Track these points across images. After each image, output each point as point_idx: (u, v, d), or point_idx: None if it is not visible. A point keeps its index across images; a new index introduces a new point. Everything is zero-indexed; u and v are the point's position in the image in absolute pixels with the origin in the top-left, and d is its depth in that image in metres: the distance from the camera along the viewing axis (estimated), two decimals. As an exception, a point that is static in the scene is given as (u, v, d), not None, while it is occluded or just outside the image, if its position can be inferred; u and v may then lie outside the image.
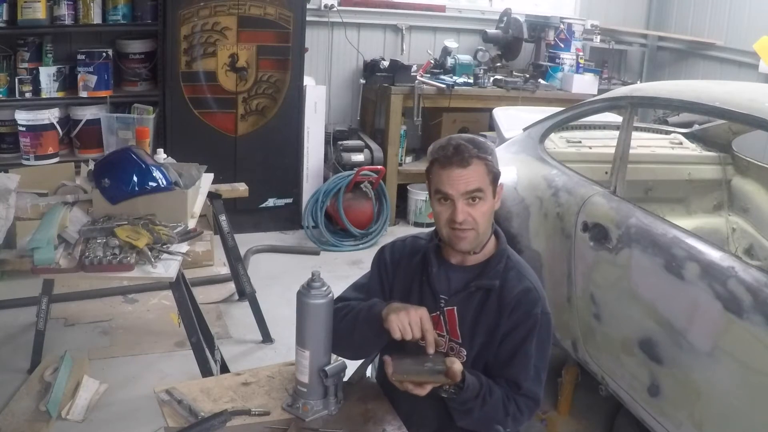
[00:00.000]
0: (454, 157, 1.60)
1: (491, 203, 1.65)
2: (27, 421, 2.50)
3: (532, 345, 1.63)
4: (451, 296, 1.69)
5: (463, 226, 1.62)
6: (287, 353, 2.87)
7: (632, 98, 2.53)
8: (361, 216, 4.55)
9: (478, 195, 1.61)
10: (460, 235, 1.64)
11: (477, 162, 1.61)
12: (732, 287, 1.83)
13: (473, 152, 1.61)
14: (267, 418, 1.61)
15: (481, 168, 1.62)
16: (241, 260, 3.43)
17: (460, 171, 1.60)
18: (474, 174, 1.60)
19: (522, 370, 1.63)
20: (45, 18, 3.86)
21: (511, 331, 1.64)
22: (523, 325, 1.63)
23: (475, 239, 1.65)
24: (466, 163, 1.60)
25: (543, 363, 1.67)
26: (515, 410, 1.62)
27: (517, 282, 1.67)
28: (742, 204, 3.13)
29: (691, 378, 1.94)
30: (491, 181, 1.64)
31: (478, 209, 1.62)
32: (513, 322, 1.64)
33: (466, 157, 1.60)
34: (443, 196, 1.63)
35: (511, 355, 1.64)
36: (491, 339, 1.66)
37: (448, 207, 1.63)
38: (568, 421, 2.73)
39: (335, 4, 4.92)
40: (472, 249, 1.68)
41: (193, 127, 4.23)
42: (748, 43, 4.62)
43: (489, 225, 1.68)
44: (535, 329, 1.63)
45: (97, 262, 2.20)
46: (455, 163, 1.60)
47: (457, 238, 1.64)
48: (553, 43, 5.31)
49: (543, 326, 1.65)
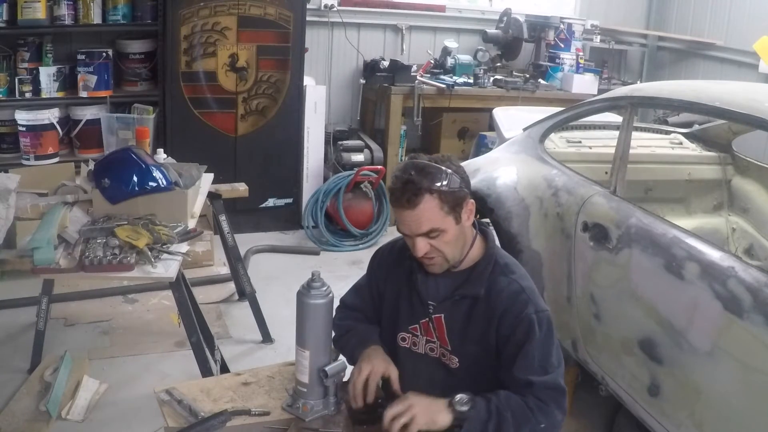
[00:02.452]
0: (402, 197, 1.53)
1: (454, 231, 1.58)
2: (27, 421, 2.50)
3: (532, 345, 1.59)
4: (438, 303, 1.67)
5: (428, 256, 1.59)
6: (287, 353, 2.87)
7: (632, 98, 2.53)
8: (361, 216, 4.55)
9: (433, 234, 1.56)
10: (428, 263, 1.62)
11: (427, 198, 1.52)
12: (732, 287, 1.83)
13: (424, 187, 1.52)
14: (267, 418, 1.61)
15: (433, 203, 1.53)
16: (241, 260, 3.42)
17: (408, 213, 1.53)
18: (424, 213, 1.53)
19: (529, 370, 1.59)
20: (45, 18, 3.86)
21: (508, 336, 1.61)
22: (519, 328, 1.60)
23: (444, 263, 1.63)
24: (413, 205, 1.52)
25: (550, 356, 1.61)
26: (536, 403, 1.56)
27: (505, 286, 1.63)
28: (742, 204, 3.13)
29: (691, 378, 1.94)
30: (449, 210, 1.55)
31: (440, 241, 1.57)
32: (507, 327, 1.60)
33: (412, 198, 1.51)
34: (401, 231, 1.60)
35: (513, 359, 1.60)
36: (485, 346, 1.63)
37: (409, 240, 1.60)
38: (568, 421, 2.69)
39: (335, 4, 4.92)
40: (446, 269, 1.65)
41: (193, 127, 4.23)
42: (748, 43, 4.62)
43: (460, 246, 1.63)
44: (533, 329, 1.60)
45: (97, 262, 2.20)
46: (404, 205, 1.53)
47: (426, 265, 1.63)
48: (553, 43, 5.31)
49: (541, 324, 1.61)
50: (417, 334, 1.72)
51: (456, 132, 5.08)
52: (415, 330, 1.72)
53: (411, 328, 1.72)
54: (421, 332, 1.71)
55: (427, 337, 1.70)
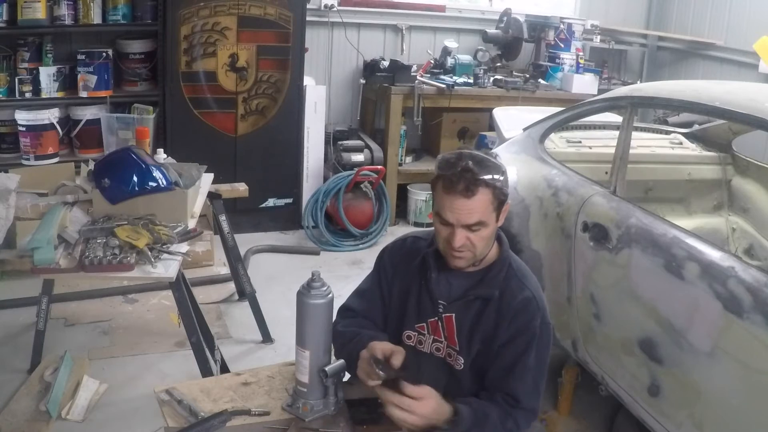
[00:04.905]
0: (459, 183, 1.50)
1: (493, 227, 1.59)
2: (27, 421, 2.50)
3: (530, 357, 1.59)
4: (450, 303, 1.66)
5: (460, 250, 1.58)
6: (287, 353, 2.87)
7: (632, 98, 2.53)
8: (361, 216, 4.55)
9: (476, 227, 1.54)
10: (456, 256, 1.60)
11: (483, 190, 1.51)
12: (732, 287, 1.83)
13: (481, 179, 1.50)
14: (267, 418, 1.61)
15: (487, 196, 1.52)
16: (241, 260, 3.42)
17: (463, 201, 1.51)
18: (478, 205, 1.52)
19: (520, 383, 1.59)
20: (45, 18, 3.86)
21: (509, 343, 1.60)
22: (521, 336, 1.60)
23: (471, 259, 1.62)
24: (471, 193, 1.50)
25: (541, 374, 1.63)
26: (513, 425, 1.58)
27: (518, 291, 1.63)
28: (742, 204, 3.13)
29: (691, 378, 1.93)
30: (496, 207, 1.56)
31: (478, 235, 1.56)
32: (511, 333, 1.60)
33: (471, 187, 1.50)
34: (444, 220, 1.57)
35: (509, 367, 1.60)
36: (488, 348, 1.63)
37: (447, 229, 1.57)
38: (568, 421, 2.73)
39: (335, 4, 4.92)
40: (468, 266, 1.64)
41: (193, 127, 4.23)
42: (748, 43, 4.62)
43: (488, 245, 1.63)
44: (534, 341, 1.60)
45: (97, 262, 2.20)
46: (459, 192, 1.50)
47: (452, 257, 1.61)
48: (553, 43, 5.31)
49: (542, 338, 1.62)
50: (423, 333, 1.71)
51: (456, 132, 5.07)
52: (421, 328, 1.71)
53: (418, 327, 1.71)
54: (428, 331, 1.70)
55: (434, 336, 1.69)
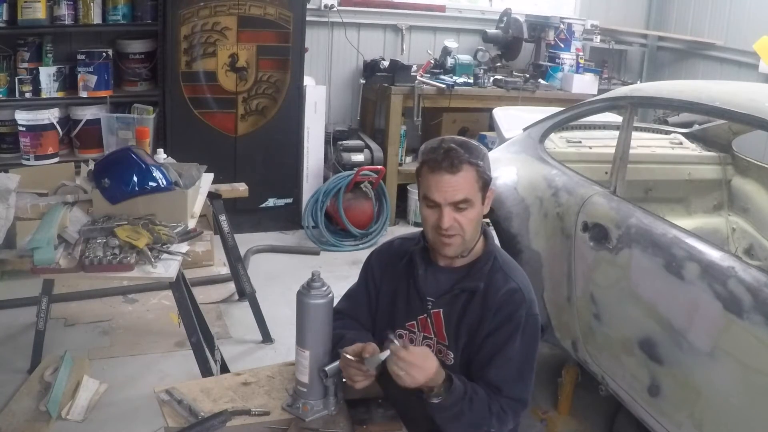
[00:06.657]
0: (443, 161, 1.57)
1: (479, 210, 1.63)
2: (27, 421, 2.50)
3: (513, 348, 1.60)
4: (437, 299, 1.68)
5: (449, 232, 1.60)
6: (287, 353, 2.87)
7: (632, 98, 2.53)
8: (361, 216, 4.55)
9: (463, 205, 1.59)
10: (446, 241, 1.62)
11: (467, 168, 1.58)
12: (732, 287, 1.83)
13: (464, 157, 1.57)
14: (267, 418, 1.61)
15: (471, 174, 1.59)
16: (241, 260, 3.43)
17: (448, 177, 1.57)
18: (463, 181, 1.58)
19: (501, 374, 1.60)
20: (45, 18, 3.86)
21: (492, 333, 1.62)
22: (505, 327, 1.61)
23: (461, 245, 1.64)
24: (455, 169, 1.56)
25: (528, 365, 1.64)
26: (499, 409, 1.59)
27: (503, 283, 1.65)
28: (742, 204, 3.13)
29: (691, 378, 1.93)
30: (480, 187, 1.61)
31: (466, 216, 1.60)
32: (495, 324, 1.62)
33: (455, 163, 1.56)
34: (431, 201, 1.61)
35: (490, 357, 1.61)
36: (473, 340, 1.64)
37: (434, 212, 1.61)
38: (568, 421, 2.73)
39: (335, 4, 4.92)
40: (458, 254, 1.66)
41: (193, 127, 4.23)
42: (748, 43, 4.62)
43: (476, 230, 1.67)
44: (518, 332, 1.61)
45: (97, 262, 2.19)
46: (444, 169, 1.56)
47: (442, 243, 1.63)
48: (553, 43, 5.31)
49: (528, 329, 1.62)
50: (414, 331, 1.72)
51: (456, 132, 5.06)
52: (412, 326, 1.72)
53: (408, 325, 1.72)
54: (418, 328, 1.71)
55: (424, 333, 1.70)
